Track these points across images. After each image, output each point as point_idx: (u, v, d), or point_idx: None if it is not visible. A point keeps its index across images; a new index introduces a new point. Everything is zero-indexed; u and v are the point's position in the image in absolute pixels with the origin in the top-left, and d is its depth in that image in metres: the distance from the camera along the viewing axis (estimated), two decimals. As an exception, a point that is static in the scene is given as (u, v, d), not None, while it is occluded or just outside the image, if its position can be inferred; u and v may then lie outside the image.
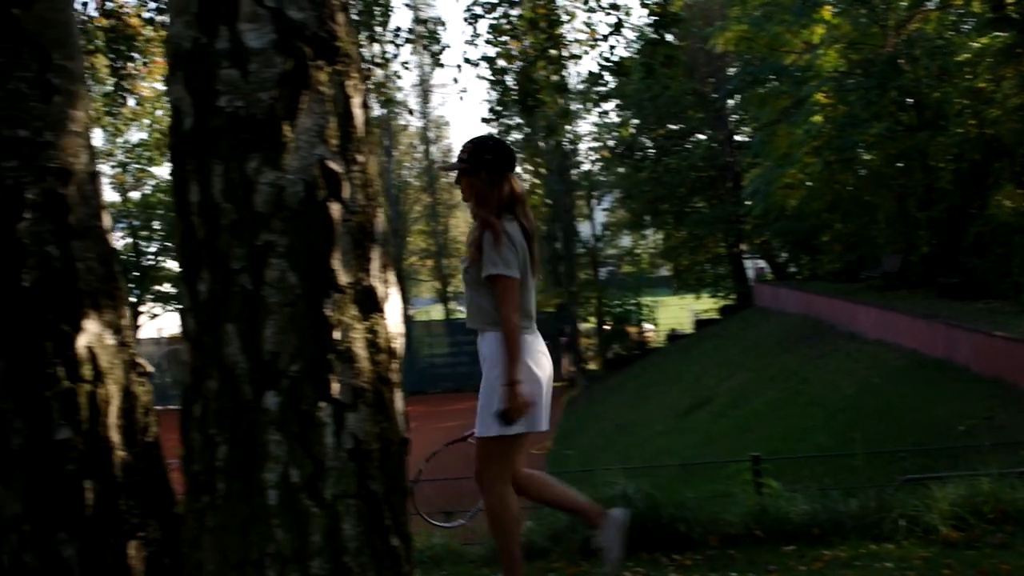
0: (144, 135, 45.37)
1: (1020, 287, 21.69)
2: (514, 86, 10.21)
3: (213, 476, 3.04)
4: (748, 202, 36.80)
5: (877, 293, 28.94)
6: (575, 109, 38.52)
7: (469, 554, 7.47)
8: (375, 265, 3.16)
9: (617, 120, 49.02)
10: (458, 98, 59.45)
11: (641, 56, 10.94)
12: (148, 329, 47.63)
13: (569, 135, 45.66)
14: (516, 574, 5.29)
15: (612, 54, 10.64)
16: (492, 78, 10.45)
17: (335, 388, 3.00)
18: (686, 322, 48.68)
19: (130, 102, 17.71)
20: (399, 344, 3.24)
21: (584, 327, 48.54)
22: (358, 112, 3.19)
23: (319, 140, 3.06)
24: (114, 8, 13.62)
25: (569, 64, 10.30)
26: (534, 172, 44.94)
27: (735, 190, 43.58)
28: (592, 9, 10.67)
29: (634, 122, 46.79)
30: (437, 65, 10.61)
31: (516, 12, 9.86)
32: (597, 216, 52.01)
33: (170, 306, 46.01)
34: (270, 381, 2.97)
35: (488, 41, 10.21)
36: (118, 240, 28.59)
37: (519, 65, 10.11)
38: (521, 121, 46.20)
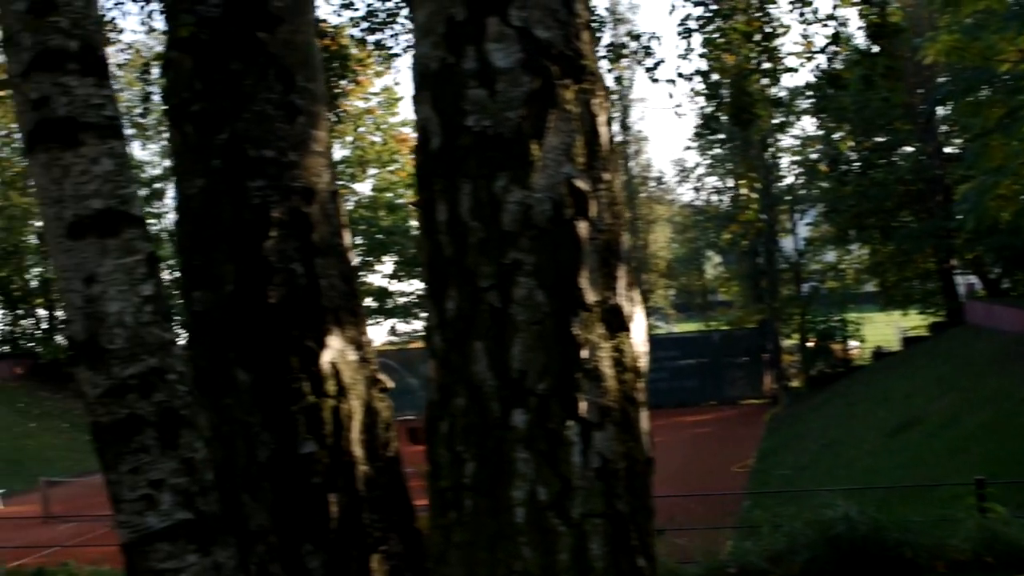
0: (347, 152, 46.54)
1: None
2: (728, 100, 10.09)
3: (460, 493, 3.06)
4: (959, 216, 35.49)
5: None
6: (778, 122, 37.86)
7: (685, 573, 7.40)
8: (621, 283, 3.13)
9: (818, 133, 47.99)
10: (673, 114, 58.88)
11: (860, 68, 10.65)
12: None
13: (771, 149, 44.97)
14: None
15: (830, 66, 10.41)
16: (706, 92, 10.35)
17: (583, 407, 2.98)
18: (893, 339, 47.21)
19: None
20: (644, 363, 3.21)
21: (786, 344, 47.58)
22: (603, 130, 3.17)
23: (566, 158, 3.05)
24: (329, 28, 14.02)
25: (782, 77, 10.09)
26: (748, 186, 44.40)
27: (945, 203, 42.06)
28: (807, 21, 10.45)
29: (837, 135, 45.74)
30: (652, 80, 10.55)
31: (730, 25, 9.76)
32: (800, 230, 50.96)
33: (370, 320, 47.03)
34: (518, 399, 2.98)
35: (702, 55, 10.13)
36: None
37: (733, 78, 9.99)
38: (722, 137, 45.82)
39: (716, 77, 10.04)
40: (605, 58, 11.72)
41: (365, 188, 48.29)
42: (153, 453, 3.10)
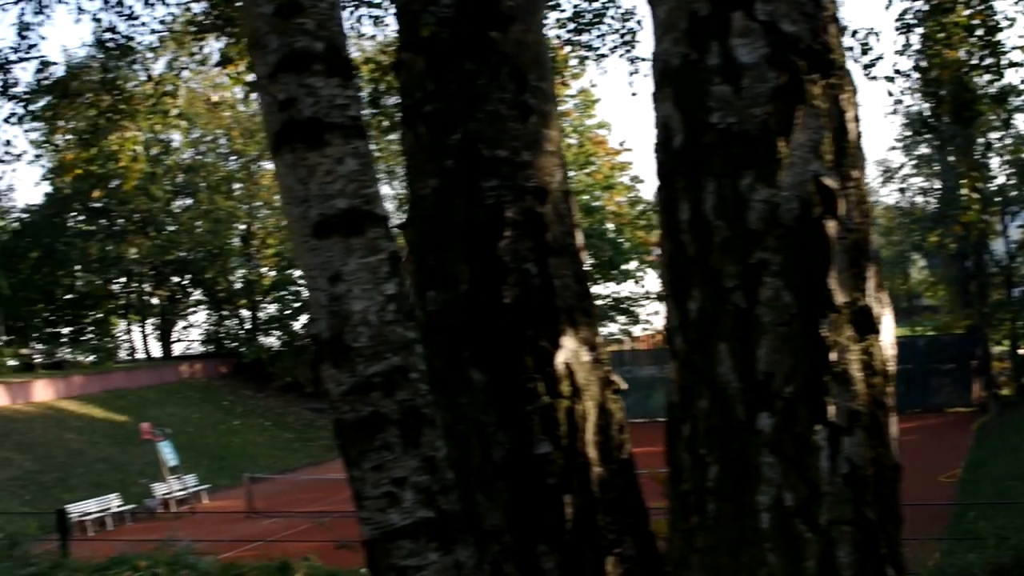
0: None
1: None
2: (947, 97, 9.72)
3: (703, 496, 3.01)
4: None
5: None
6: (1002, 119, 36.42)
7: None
8: (870, 284, 3.03)
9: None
10: (886, 112, 57.22)
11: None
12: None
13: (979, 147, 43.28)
14: None
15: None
16: (924, 89, 9.99)
17: (831, 411, 2.90)
18: (1114, 347, 44.92)
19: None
20: (893, 366, 3.09)
21: (996, 351, 45.72)
22: (852, 126, 3.08)
23: (814, 156, 2.97)
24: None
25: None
26: (970, 185, 42.92)
27: None
28: (1034, 12, 9.97)
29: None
30: (869, 79, 10.21)
31: (951, 19, 9.38)
32: (1011, 232, 48.89)
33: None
34: (764, 402, 2.91)
35: (920, 50, 9.76)
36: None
37: (953, 74, 9.62)
38: (929, 136, 44.31)
39: (935, 74, 9.68)
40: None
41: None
42: (396, 451, 3.13)
